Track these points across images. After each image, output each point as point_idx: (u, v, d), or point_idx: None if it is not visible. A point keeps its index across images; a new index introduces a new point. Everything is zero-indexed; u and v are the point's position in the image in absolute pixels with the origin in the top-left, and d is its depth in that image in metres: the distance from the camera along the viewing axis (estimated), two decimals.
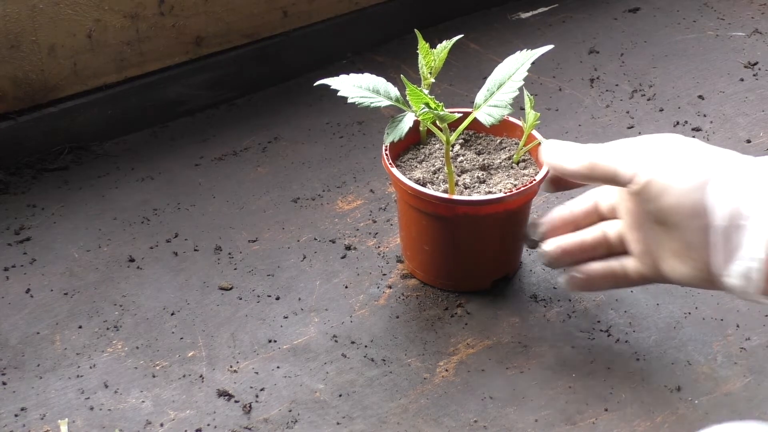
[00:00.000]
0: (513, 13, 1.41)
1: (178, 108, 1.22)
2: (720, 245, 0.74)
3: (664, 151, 0.77)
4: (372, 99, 0.87)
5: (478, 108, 0.89)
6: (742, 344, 0.91)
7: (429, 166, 0.95)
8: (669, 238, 0.77)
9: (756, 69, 1.29)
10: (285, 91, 1.27)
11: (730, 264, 0.73)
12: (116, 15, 1.15)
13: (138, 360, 0.90)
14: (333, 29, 1.31)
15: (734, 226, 0.73)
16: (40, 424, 0.84)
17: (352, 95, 0.87)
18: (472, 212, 0.90)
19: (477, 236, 0.92)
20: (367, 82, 0.88)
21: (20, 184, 1.12)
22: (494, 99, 0.88)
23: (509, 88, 0.88)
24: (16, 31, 1.09)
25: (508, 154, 0.97)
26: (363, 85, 0.88)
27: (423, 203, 0.90)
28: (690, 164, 0.75)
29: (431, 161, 0.95)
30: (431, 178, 0.93)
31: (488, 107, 0.88)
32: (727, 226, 0.73)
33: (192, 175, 1.13)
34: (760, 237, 0.71)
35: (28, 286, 0.98)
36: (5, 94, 1.12)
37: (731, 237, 0.73)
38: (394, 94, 0.88)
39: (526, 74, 0.88)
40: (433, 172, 0.94)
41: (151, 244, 1.03)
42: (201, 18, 1.21)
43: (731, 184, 0.73)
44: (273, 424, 0.84)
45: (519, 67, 0.88)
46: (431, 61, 0.93)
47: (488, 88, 0.89)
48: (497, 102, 0.88)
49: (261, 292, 0.97)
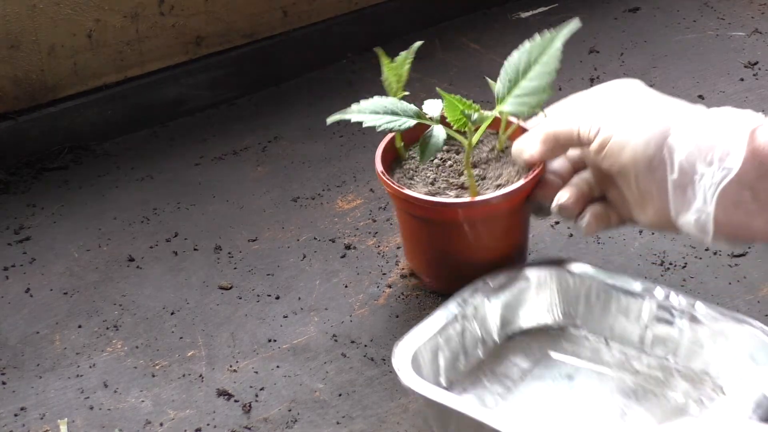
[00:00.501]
0: (513, 12, 1.41)
1: (178, 108, 1.22)
2: (676, 197, 0.79)
3: (618, 108, 0.81)
4: (398, 121, 0.86)
5: (503, 101, 0.84)
6: None
7: (424, 179, 0.91)
8: (630, 191, 0.82)
9: (756, 69, 1.29)
10: (285, 91, 1.27)
11: (687, 213, 0.79)
12: (116, 15, 1.15)
13: (138, 359, 0.90)
14: (333, 29, 1.31)
15: (688, 179, 0.78)
16: (40, 424, 0.84)
17: (378, 123, 0.85)
18: (507, 206, 0.88)
19: (509, 228, 0.91)
20: (383, 105, 0.86)
21: (20, 184, 1.12)
22: (521, 88, 0.84)
23: (539, 72, 0.83)
24: (16, 31, 1.09)
25: (489, 146, 0.93)
26: (380, 110, 0.86)
27: (446, 213, 0.87)
28: (645, 120, 0.80)
29: (422, 174, 0.91)
30: (436, 190, 0.89)
31: (517, 98, 0.84)
32: (681, 179, 0.78)
33: (192, 174, 1.13)
34: (709, 190, 0.77)
35: (27, 285, 0.98)
36: (5, 94, 1.12)
37: (686, 189, 0.78)
38: (413, 110, 0.87)
39: (560, 55, 0.83)
40: (431, 183, 0.90)
41: (150, 243, 1.03)
42: (201, 18, 1.21)
43: (685, 138, 0.78)
44: (273, 423, 0.84)
45: (546, 48, 0.83)
46: (395, 75, 0.91)
47: (508, 78, 0.84)
48: (528, 89, 0.83)
49: (261, 291, 0.97)
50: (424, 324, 0.84)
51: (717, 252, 1.00)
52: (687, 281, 0.97)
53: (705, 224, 0.78)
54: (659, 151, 0.79)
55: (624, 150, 0.80)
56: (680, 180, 0.78)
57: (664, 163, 0.79)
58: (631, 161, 0.80)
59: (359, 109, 0.86)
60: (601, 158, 0.82)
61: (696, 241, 1.00)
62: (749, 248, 1.01)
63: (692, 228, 0.79)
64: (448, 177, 0.91)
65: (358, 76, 1.30)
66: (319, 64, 1.30)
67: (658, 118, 0.79)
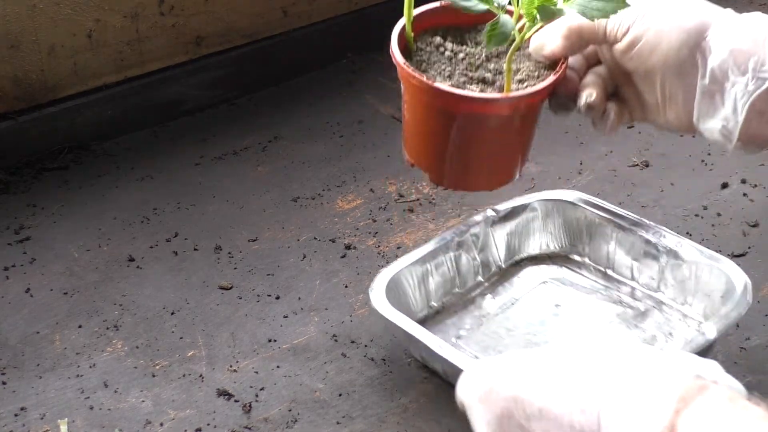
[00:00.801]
0: None
1: (178, 108, 1.23)
2: (703, 103, 0.76)
3: (649, 5, 0.77)
4: (469, 2, 0.79)
5: (572, 0, 0.76)
6: (742, 344, 0.91)
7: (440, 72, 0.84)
8: (652, 93, 0.79)
9: None
10: (285, 91, 1.28)
11: (712, 120, 0.76)
12: (116, 15, 1.15)
13: (138, 359, 0.90)
14: (333, 29, 1.31)
15: (718, 86, 0.75)
16: (40, 424, 0.84)
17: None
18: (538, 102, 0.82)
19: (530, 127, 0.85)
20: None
21: (20, 184, 1.12)
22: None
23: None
24: (16, 31, 1.09)
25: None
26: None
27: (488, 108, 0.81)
28: (678, 21, 0.76)
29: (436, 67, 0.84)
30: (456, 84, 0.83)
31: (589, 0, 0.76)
32: (711, 86, 0.75)
33: (192, 174, 1.13)
34: (740, 99, 0.74)
35: (27, 285, 0.98)
36: (5, 93, 1.12)
37: (714, 96, 0.75)
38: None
39: None
40: (449, 76, 0.83)
41: (151, 243, 1.03)
42: (201, 18, 1.21)
43: (719, 44, 0.75)
44: (273, 423, 0.84)
45: None
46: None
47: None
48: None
49: (261, 291, 0.97)
50: (413, 253, 0.90)
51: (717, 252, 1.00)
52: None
53: (731, 132, 0.75)
54: (692, 55, 0.75)
55: (655, 51, 0.76)
56: (710, 86, 0.75)
57: (696, 68, 0.75)
58: (661, 63, 0.76)
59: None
60: (627, 58, 0.77)
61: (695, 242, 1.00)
62: (749, 248, 1.01)
63: (715, 134, 0.76)
64: (466, 71, 0.84)
65: (358, 76, 1.30)
66: (319, 64, 1.31)
67: (693, 20, 0.75)
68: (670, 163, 1.13)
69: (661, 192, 1.09)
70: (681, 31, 0.75)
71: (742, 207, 1.06)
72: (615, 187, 1.09)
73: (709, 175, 1.11)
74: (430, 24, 0.86)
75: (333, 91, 1.27)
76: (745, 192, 1.08)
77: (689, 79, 0.76)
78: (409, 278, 0.90)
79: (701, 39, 0.75)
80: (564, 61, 0.82)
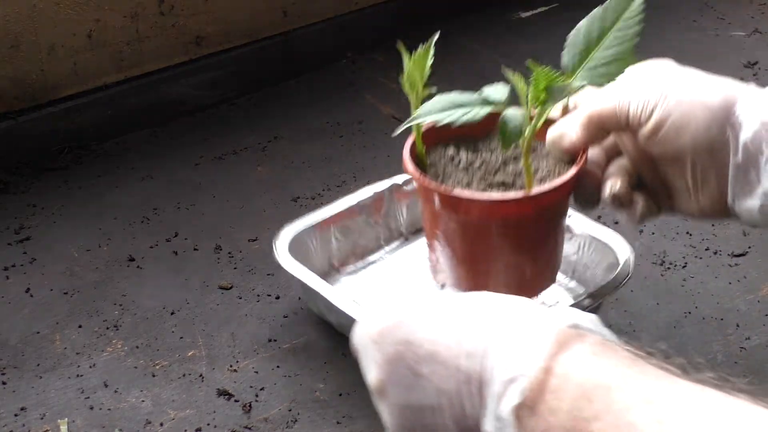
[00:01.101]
0: (513, 12, 1.41)
1: (178, 108, 1.23)
2: (737, 181, 0.72)
3: (671, 85, 0.74)
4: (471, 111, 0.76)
5: (574, 73, 0.74)
6: (742, 344, 0.91)
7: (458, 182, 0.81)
8: (682, 177, 0.75)
9: (756, 69, 1.29)
10: (285, 91, 1.28)
11: (749, 199, 0.72)
12: (116, 15, 1.15)
13: (138, 359, 0.90)
14: (333, 29, 1.31)
15: (753, 161, 0.71)
16: (40, 424, 0.84)
17: (453, 117, 0.75)
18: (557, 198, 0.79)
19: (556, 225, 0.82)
20: (448, 100, 0.76)
21: (20, 184, 1.12)
22: (595, 58, 0.74)
23: (617, 39, 0.74)
24: (16, 31, 1.09)
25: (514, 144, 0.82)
26: (448, 106, 0.76)
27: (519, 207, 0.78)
28: (704, 98, 0.72)
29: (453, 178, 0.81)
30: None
31: (592, 69, 0.74)
32: (745, 163, 0.71)
33: (192, 174, 1.13)
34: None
35: (28, 285, 0.98)
36: (5, 94, 1.12)
37: (749, 172, 0.71)
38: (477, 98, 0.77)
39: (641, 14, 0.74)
40: (467, 185, 0.80)
41: (151, 243, 1.03)
42: (201, 18, 1.21)
43: (750, 116, 0.71)
44: (273, 423, 0.84)
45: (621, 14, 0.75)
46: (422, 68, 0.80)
47: (578, 50, 0.75)
48: (604, 59, 0.74)
49: (261, 291, 0.97)
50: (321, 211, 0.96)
51: (717, 252, 1.00)
52: (687, 281, 0.97)
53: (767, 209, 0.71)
54: (722, 132, 0.71)
55: (682, 133, 0.72)
56: (744, 163, 0.71)
57: (727, 146, 0.71)
58: (690, 145, 0.72)
59: (427, 111, 0.76)
60: (654, 143, 0.73)
61: (695, 242, 1.00)
62: (749, 248, 1.01)
63: (755, 214, 0.72)
64: (483, 178, 0.81)
65: (358, 76, 1.30)
66: (319, 64, 1.31)
67: (718, 96, 0.72)
68: None
69: None
70: (707, 108, 0.72)
71: None
72: None
73: None
74: (440, 137, 0.82)
75: (333, 91, 1.27)
76: None
77: (721, 158, 0.72)
78: (313, 238, 0.95)
79: (730, 114, 0.72)
80: (584, 152, 0.78)
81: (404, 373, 0.63)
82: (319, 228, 0.95)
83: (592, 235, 0.93)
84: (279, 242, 0.92)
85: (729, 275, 0.97)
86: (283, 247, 0.92)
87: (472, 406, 0.61)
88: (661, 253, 1.00)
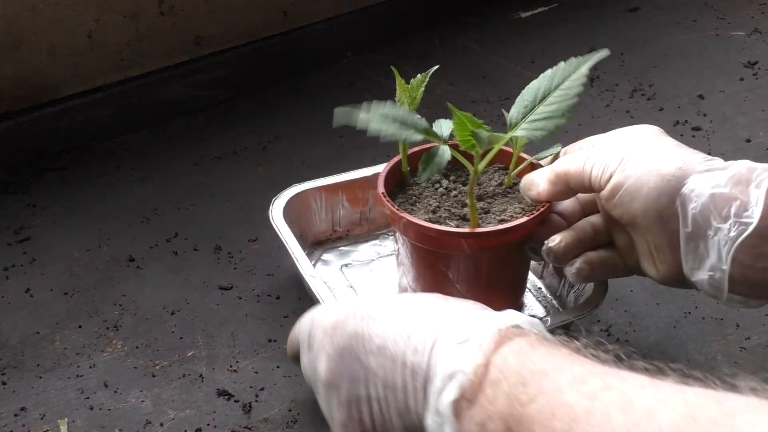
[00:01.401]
0: (513, 12, 1.41)
1: (178, 108, 1.23)
2: (689, 252, 0.74)
3: (632, 153, 0.76)
4: (405, 133, 0.79)
5: (516, 126, 0.80)
6: (742, 344, 0.91)
7: (426, 206, 0.86)
8: (640, 242, 0.77)
9: (756, 68, 1.29)
10: (285, 91, 1.27)
11: (698, 271, 0.74)
12: (116, 15, 1.15)
13: (138, 360, 0.90)
14: (333, 29, 1.31)
15: (702, 234, 0.73)
16: (40, 424, 0.84)
17: (384, 130, 0.78)
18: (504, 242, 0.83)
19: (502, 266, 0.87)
20: (394, 114, 0.79)
21: (20, 184, 1.12)
22: (537, 113, 0.79)
23: (559, 96, 0.79)
24: (16, 31, 1.09)
25: (497, 181, 0.88)
26: (390, 118, 0.79)
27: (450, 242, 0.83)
28: (659, 168, 0.74)
29: (425, 201, 0.87)
30: (436, 218, 0.84)
31: (531, 123, 0.79)
32: (694, 234, 0.73)
33: (192, 174, 1.13)
34: (724, 247, 0.71)
35: (28, 286, 0.98)
36: (5, 94, 1.12)
37: (699, 244, 0.73)
38: (423, 126, 0.80)
39: (585, 80, 0.78)
40: (433, 211, 0.85)
41: (151, 243, 1.03)
42: (201, 18, 1.21)
43: (699, 190, 0.73)
44: (273, 423, 0.84)
45: (569, 75, 0.79)
46: (409, 97, 0.86)
47: (524, 105, 0.80)
48: (544, 114, 0.79)
49: (261, 291, 0.97)
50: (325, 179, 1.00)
51: None
52: None
53: (720, 282, 0.73)
54: (672, 202, 0.73)
55: (635, 199, 0.74)
56: (694, 234, 0.73)
57: (676, 216, 0.73)
58: (641, 211, 0.74)
59: (368, 119, 0.79)
60: (611, 206, 0.76)
61: None
62: None
63: (705, 287, 0.74)
64: (451, 207, 0.86)
65: (358, 76, 1.30)
66: (319, 64, 1.31)
67: (673, 166, 0.74)
68: None
69: None
70: (661, 176, 0.74)
71: None
72: None
73: None
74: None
75: (333, 91, 1.27)
76: None
77: (673, 228, 0.74)
78: (317, 199, 1.00)
79: (681, 185, 0.73)
80: (545, 205, 0.82)
81: (354, 366, 0.66)
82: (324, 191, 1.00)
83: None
84: (275, 207, 0.97)
85: None
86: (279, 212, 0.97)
87: (415, 401, 0.63)
88: None
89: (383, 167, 0.88)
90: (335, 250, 1.00)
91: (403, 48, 1.34)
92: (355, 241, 1.01)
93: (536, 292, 0.95)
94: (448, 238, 0.82)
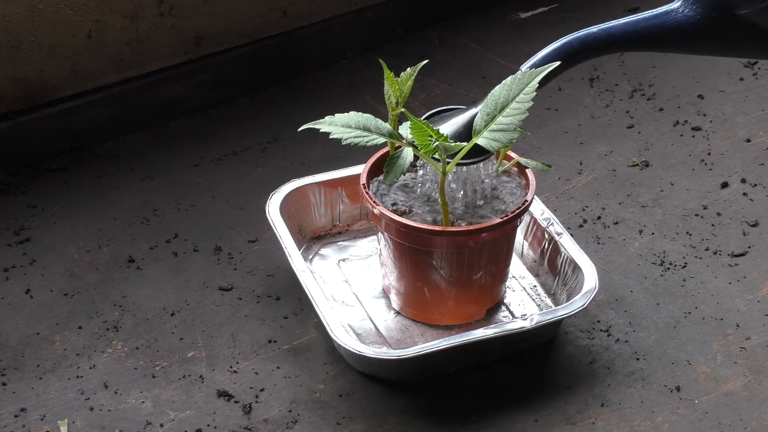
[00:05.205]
0: (513, 12, 1.41)
1: (178, 108, 1.22)
2: None
3: None
4: (366, 137, 0.84)
5: (479, 134, 0.84)
6: (741, 344, 0.91)
7: (422, 204, 0.89)
8: None
9: (756, 68, 1.29)
10: (285, 91, 1.27)
11: None
12: (116, 15, 1.15)
13: (138, 360, 0.90)
14: (333, 29, 1.31)
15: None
16: (40, 425, 0.84)
17: (346, 136, 0.84)
18: (474, 240, 0.86)
19: (472, 265, 0.89)
20: (356, 120, 0.85)
21: (20, 184, 1.12)
22: (497, 123, 0.83)
23: (515, 109, 0.83)
24: (16, 31, 1.09)
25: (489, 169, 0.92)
26: (353, 124, 0.85)
27: (420, 240, 0.86)
28: None
29: (420, 199, 0.90)
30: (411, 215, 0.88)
31: (492, 132, 0.83)
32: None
33: (192, 175, 1.13)
34: None
35: (27, 286, 0.98)
36: (5, 94, 1.12)
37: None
38: (386, 129, 0.85)
39: (535, 94, 0.83)
40: (410, 203, 0.89)
41: (151, 244, 1.03)
42: (201, 18, 1.21)
43: None
44: (273, 424, 0.84)
45: (524, 88, 0.83)
46: (397, 90, 0.88)
47: (487, 112, 0.84)
48: (502, 126, 0.83)
49: (261, 292, 0.97)
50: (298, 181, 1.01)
51: (717, 252, 1.00)
52: (687, 281, 0.97)
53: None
54: None
55: None
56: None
57: None
58: None
59: (332, 121, 0.85)
60: None
61: (695, 242, 1.00)
62: (749, 248, 1.01)
63: None
64: (430, 201, 0.88)
65: (358, 76, 1.30)
66: (319, 64, 1.30)
67: None
68: (670, 163, 1.13)
69: (661, 192, 1.09)
70: None
71: (742, 207, 1.06)
72: (615, 187, 1.09)
73: (709, 174, 1.11)
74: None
75: (333, 91, 1.27)
76: (745, 191, 1.08)
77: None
78: (317, 194, 1.02)
79: None
80: (520, 207, 0.87)
81: None
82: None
83: (574, 256, 0.92)
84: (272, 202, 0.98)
85: (729, 275, 0.97)
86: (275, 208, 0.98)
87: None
88: (661, 253, 1.00)
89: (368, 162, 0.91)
90: (334, 245, 1.01)
91: (402, 48, 1.33)
92: (355, 236, 1.02)
93: (531, 290, 0.96)
94: (415, 235, 0.86)
